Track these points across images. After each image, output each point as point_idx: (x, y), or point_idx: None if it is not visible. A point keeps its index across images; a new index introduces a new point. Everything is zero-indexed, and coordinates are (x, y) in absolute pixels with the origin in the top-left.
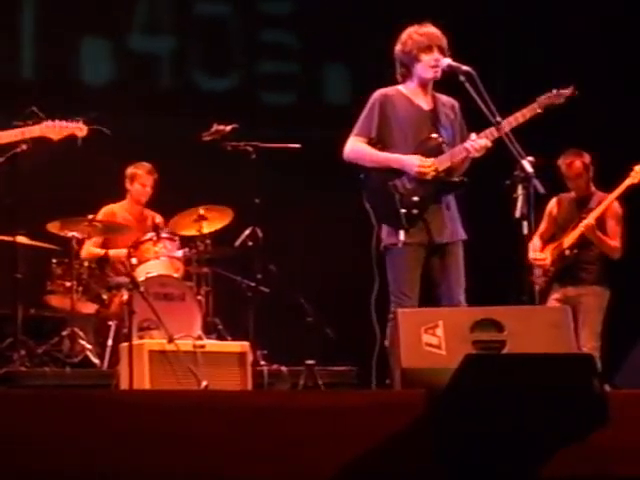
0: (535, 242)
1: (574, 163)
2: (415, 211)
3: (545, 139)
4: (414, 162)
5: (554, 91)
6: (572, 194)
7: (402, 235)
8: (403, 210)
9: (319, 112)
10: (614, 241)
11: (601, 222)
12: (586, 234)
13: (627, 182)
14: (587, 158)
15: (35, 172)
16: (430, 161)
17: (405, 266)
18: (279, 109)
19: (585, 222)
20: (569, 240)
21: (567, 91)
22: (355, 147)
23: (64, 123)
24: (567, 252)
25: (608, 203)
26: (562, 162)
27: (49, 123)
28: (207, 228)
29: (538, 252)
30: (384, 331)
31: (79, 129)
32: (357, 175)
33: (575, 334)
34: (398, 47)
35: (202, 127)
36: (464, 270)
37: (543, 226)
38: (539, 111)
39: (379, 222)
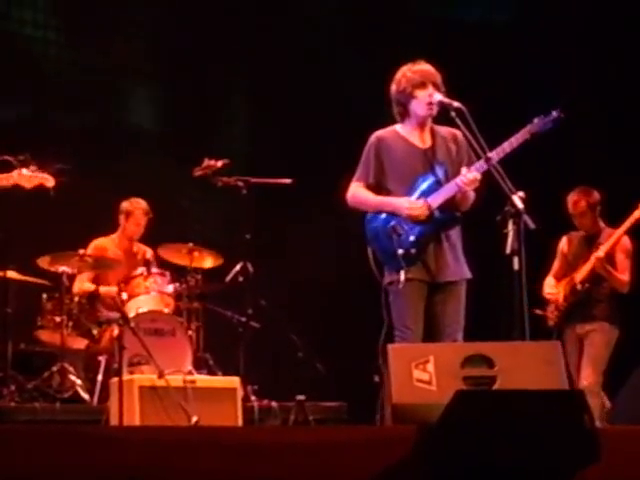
0: (549, 281)
1: (579, 202)
2: (413, 251)
3: (556, 173)
4: (403, 204)
5: (541, 117)
6: (582, 231)
7: (402, 276)
8: (400, 251)
9: None
10: (623, 275)
11: (610, 256)
12: (596, 267)
13: (636, 215)
14: (594, 197)
15: (24, 206)
16: (420, 202)
17: (408, 300)
18: None
19: (595, 255)
20: (580, 275)
21: (554, 115)
22: (354, 193)
23: (33, 173)
24: (579, 286)
25: (618, 237)
26: (569, 200)
27: (22, 172)
28: (197, 263)
29: (555, 289)
30: (374, 366)
31: (46, 180)
32: (357, 215)
33: (578, 368)
34: (393, 87)
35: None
36: (464, 310)
37: (556, 265)
38: (527, 137)
39: (379, 263)
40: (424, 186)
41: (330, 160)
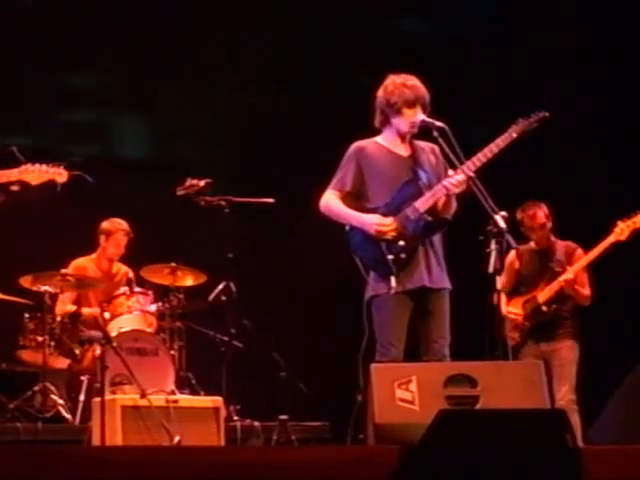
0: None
1: (537, 214)
2: (403, 255)
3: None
4: (373, 221)
5: (526, 117)
6: (532, 245)
7: (393, 281)
8: (390, 256)
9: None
10: (585, 289)
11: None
12: (565, 289)
13: (611, 239)
14: (546, 208)
15: (5, 225)
16: (389, 220)
17: (392, 315)
18: None
19: (564, 277)
20: (545, 295)
21: (540, 115)
22: (328, 202)
23: (44, 167)
24: (544, 308)
25: (589, 259)
26: (524, 214)
27: (29, 166)
28: (180, 282)
29: (510, 307)
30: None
31: (59, 174)
32: (339, 228)
33: (550, 388)
34: (382, 94)
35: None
36: (449, 324)
37: (504, 279)
38: (514, 136)
39: (368, 271)
40: (408, 192)
41: (313, 178)
